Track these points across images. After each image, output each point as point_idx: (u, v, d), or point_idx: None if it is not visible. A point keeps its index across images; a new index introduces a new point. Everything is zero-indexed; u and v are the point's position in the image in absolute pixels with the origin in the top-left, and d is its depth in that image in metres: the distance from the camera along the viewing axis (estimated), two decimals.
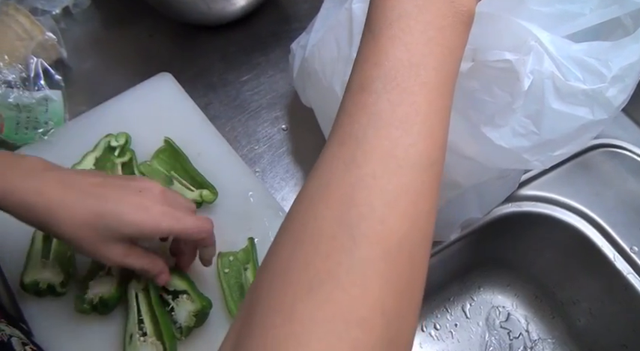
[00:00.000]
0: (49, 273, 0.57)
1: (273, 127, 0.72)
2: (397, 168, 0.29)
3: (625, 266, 0.65)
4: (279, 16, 0.83)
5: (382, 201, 0.28)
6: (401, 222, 0.28)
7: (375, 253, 0.27)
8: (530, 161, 0.41)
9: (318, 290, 0.26)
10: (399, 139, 0.29)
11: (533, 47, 0.39)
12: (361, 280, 0.27)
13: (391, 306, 0.27)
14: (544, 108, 0.39)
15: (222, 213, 0.63)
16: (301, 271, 0.27)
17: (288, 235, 0.30)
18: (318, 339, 0.26)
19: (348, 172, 0.29)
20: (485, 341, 0.77)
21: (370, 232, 0.27)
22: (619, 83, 0.39)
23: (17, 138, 0.69)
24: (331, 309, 0.26)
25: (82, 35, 0.81)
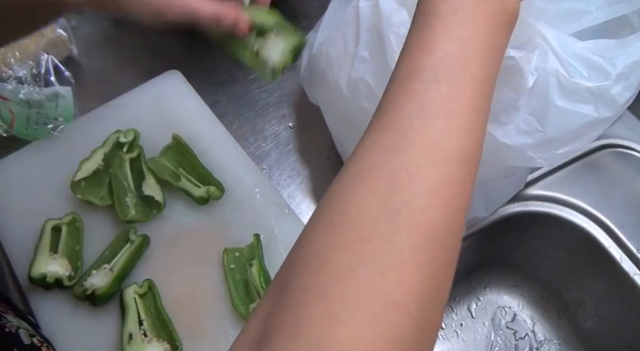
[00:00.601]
0: (56, 266, 0.57)
1: (280, 124, 0.73)
2: (440, 159, 0.29)
3: (632, 267, 0.65)
4: (288, 15, 0.82)
5: (424, 190, 0.28)
6: (440, 212, 0.28)
7: (413, 240, 0.28)
8: (535, 159, 0.41)
9: (356, 272, 0.27)
10: (445, 131, 0.29)
11: (538, 45, 0.39)
12: (399, 265, 0.27)
13: (425, 293, 0.27)
14: (548, 105, 0.39)
15: (228, 209, 0.63)
16: (340, 253, 0.28)
17: (326, 217, 0.30)
18: (355, 319, 0.26)
19: (393, 158, 0.29)
20: (491, 341, 0.77)
21: (411, 220, 0.28)
22: (624, 81, 0.39)
23: (27, 133, 0.69)
24: (369, 291, 0.26)
25: (93, 33, 0.81)
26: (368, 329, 0.26)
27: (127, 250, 0.58)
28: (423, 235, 0.28)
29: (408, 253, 0.27)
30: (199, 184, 0.64)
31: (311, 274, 0.28)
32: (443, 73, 0.30)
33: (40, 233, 0.60)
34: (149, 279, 0.58)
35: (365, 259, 0.27)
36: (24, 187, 0.65)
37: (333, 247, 0.28)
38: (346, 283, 0.27)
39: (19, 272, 0.59)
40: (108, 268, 0.57)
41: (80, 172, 0.62)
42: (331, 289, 0.27)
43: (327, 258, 0.28)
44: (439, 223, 0.28)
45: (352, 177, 0.30)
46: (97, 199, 0.62)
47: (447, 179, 0.29)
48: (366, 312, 0.26)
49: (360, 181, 0.30)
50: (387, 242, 0.27)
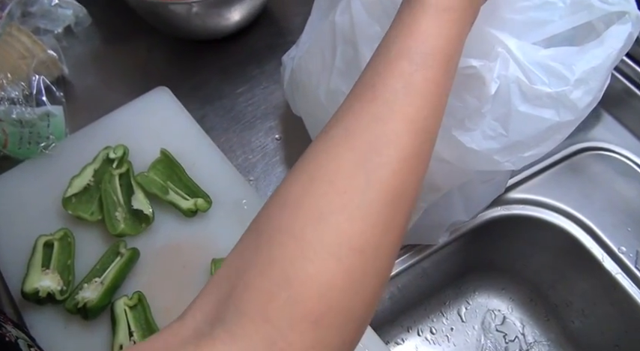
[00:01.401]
0: (48, 281, 0.59)
1: (267, 137, 0.74)
2: (415, 132, 0.33)
3: (613, 266, 0.66)
4: (273, 30, 0.85)
5: (399, 156, 0.32)
6: (407, 177, 0.32)
7: (381, 197, 0.31)
8: (502, 163, 0.43)
9: (329, 219, 0.30)
10: (422, 109, 0.33)
11: (499, 54, 0.40)
12: (367, 217, 0.31)
13: (383, 244, 0.31)
14: (511, 111, 0.41)
15: (216, 221, 0.65)
16: (316, 201, 0.31)
17: (305, 170, 0.33)
18: (321, 258, 0.29)
19: (374, 125, 0.33)
20: (482, 345, 0.78)
21: (384, 180, 0.31)
22: (583, 86, 0.41)
23: (20, 152, 0.71)
24: (337, 237, 0.30)
25: (83, 52, 0.83)
26: (331, 268, 0.29)
27: (117, 264, 0.60)
28: (392, 194, 0.32)
29: (376, 208, 0.31)
30: (187, 197, 0.65)
31: (286, 219, 0.31)
32: (432, 61, 0.34)
33: (33, 249, 0.61)
34: (139, 291, 0.59)
35: (338, 209, 0.31)
36: (17, 205, 0.67)
37: (309, 196, 0.31)
38: (317, 227, 0.30)
39: (13, 288, 0.61)
40: (99, 282, 0.59)
41: (71, 188, 0.64)
42: (303, 231, 0.30)
43: (302, 204, 0.31)
44: (405, 186, 0.32)
45: (335, 137, 0.33)
46: (88, 215, 0.64)
47: (417, 150, 0.33)
48: (332, 253, 0.30)
49: (342, 141, 0.33)
50: (360, 196, 0.31)
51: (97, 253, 0.62)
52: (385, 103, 0.33)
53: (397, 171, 0.32)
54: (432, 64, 0.34)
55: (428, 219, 0.59)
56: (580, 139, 0.73)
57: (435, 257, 0.70)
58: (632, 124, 0.74)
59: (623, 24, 0.44)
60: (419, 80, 0.34)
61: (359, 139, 0.32)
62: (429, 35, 0.34)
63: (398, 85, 0.33)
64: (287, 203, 0.32)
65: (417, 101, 0.33)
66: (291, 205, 0.32)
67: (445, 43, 0.34)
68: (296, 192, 0.32)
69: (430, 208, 0.57)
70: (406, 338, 0.79)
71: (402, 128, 0.33)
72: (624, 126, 0.74)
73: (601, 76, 0.42)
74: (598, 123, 0.75)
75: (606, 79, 0.43)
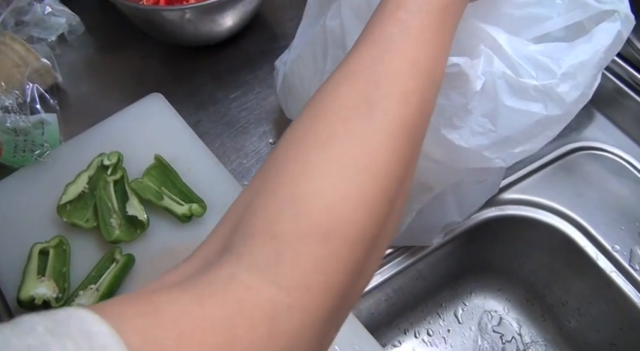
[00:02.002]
0: (44, 289, 0.59)
1: (261, 141, 0.75)
2: (416, 73, 0.34)
3: (608, 265, 0.66)
4: (267, 36, 0.85)
5: (402, 90, 0.33)
6: (411, 112, 0.33)
7: (389, 126, 0.32)
8: (492, 159, 0.43)
9: (334, 144, 0.31)
10: (422, 52, 0.34)
11: (482, 51, 0.41)
12: (374, 143, 0.31)
13: (393, 170, 0.31)
14: (498, 106, 0.41)
15: (211, 226, 0.64)
16: (320, 130, 0.32)
17: (306, 112, 0.34)
18: (328, 177, 0.30)
19: (375, 65, 0.33)
20: (478, 346, 0.78)
21: (388, 110, 0.32)
22: (570, 80, 0.41)
23: (15, 161, 0.71)
24: (344, 158, 0.30)
25: (77, 60, 0.84)
26: (340, 185, 0.30)
27: (113, 270, 0.60)
28: (398, 124, 0.32)
29: (384, 135, 0.31)
30: (182, 202, 0.65)
31: (291, 151, 0.32)
32: (426, 8, 0.35)
33: (28, 257, 0.61)
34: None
35: (344, 134, 0.31)
36: (12, 213, 0.67)
37: (313, 128, 0.32)
38: (324, 150, 0.31)
39: (8, 296, 0.61)
40: (94, 289, 0.59)
41: (66, 195, 0.64)
42: (309, 155, 0.31)
43: (306, 136, 0.32)
44: (412, 118, 0.33)
45: (336, 79, 0.34)
46: (83, 222, 0.63)
47: (419, 87, 0.33)
48: (340, 173, 0.30)
49: (344, 82, 0.34)
50: (366, 123, 0.31)
51: (93, 259, 0.62)
52: (384, 46, 0.34)
53: (400, 102, 0.32)
54: (427, 9, 0.35)
55: (422, 220, 0.59)
56: (573, 138, 0.73)
57: (430, 259, 0.70)
58: (625, 123, 0.74)
59: (613, 22, 0.44)
60: (415, 25, 0.35)
61: (360, 78, 0.33)
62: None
63: (395, 30, 0.34)
64: (293, 139, 0.33)
65: (415, 43, 0.34)
66: (296, 139, 0.32)
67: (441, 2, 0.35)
68: (301, 128, 0.33)
69: (424, 210, 0.58)
70: (403, 340, 0.79)
71: (401, 66, 0.33)
72: (616, 125, 0.75)
73: (589, 72, 0.42)
74: (590, 123, 0.75)
75: (595, 75, 0.43)
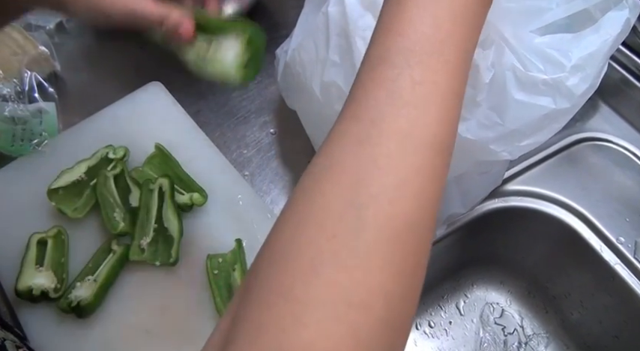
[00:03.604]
0: (42, 279, 0.58)
1: (261, 131, 0.74)
2: (411, 150, 0.28)
3: (612, 257, 0.66)
4: (268, 24, 0.84)
5: (394, 182, 0.27)
6: (410, 205, 0.27)
7: (381, 235, 0.26)
8: (498, 152, 0.42)
9: (320, 271, 0.26)
10: (417, 119, 0.28)
11: (494, 41, 0.40)
12: (365, 262, 0.26)
13: (393, 288, 0.26)
14: (507, 99, 0.40)
15: (212, 216, 0.64)
16: (304, 251, 0.26)
17: (291, 213, 0.29)
18: (317, 320, 0.25)
19: (362, 150, 0.28)
20: (480, 338, 0.78)
21: (379, 214, 0.26)
22: (579, 72, 0.40)
23: (13, 150, 0.70)
24: (332, 291, 0.25)
25: (75, 49, 0.83)
26: (330, 330, 0.25)
27: (110, 261, 0.59)
28: (392, 229, 0.26)
29: (376, 249, 0.26)
30: (183, 192, 0.65)
31: (274, 275, 0.27)
32: (416, 57, 0.28)
33: (26, 247, 0.60)
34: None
35: (329, 258, 0.26)
36: (10, 202, 0.66)
37: (297, 245, 0.27)
38: (309, 282, 0.26)
39: (6, 286, 0.60)
40: (92, 280, 0.58)
41: (59, 180, 0.63)
42: (294, 289, 0.26)
43: (290, 257, 0.27)
44: (409, 216, 0.27)
45: (319, 172, 0.29)
46: (70, 210, 0.63)
47: (418, 170, 0.27)
48: (329, 312, 0.25)
49: (326, 176, 0.28)
50: (353, 239, 0.26)
51: (92, 250, 0.62)
52: (370, 121, 0.28)
53: (394, 200, 0.27)
54: (417, 61, 0.28)
55: None
56: (577, 129, 0.73)
57: (433, 250, 0.68)
58: (630, 114, 0.74)
59: (620, 10, 0.43)
60: (406, 85, 0.28)
61: (344, 171, 0.27)
62: (409, 27, 0.29)
63: (381, 96, 0.28)
64: (274, 255, 0.28)
65: (408, 112, 0.28)
66: (278, 257, 0.27)
67: (432, 28, 0.28)
68: (283, 241, 0.28)
69: None
70: None
71: (394, 149, 0.27)
72: (622, 116, 0.74)
73: (597, 63, 0.41)
74: (595, 113, 0.74)
75: (603, 66, 0.43)
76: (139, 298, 0.59)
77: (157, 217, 0.61)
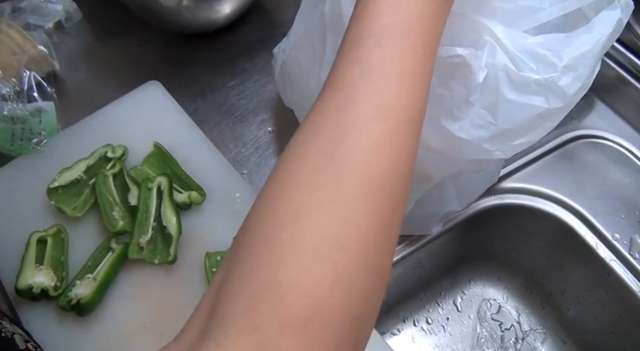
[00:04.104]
0: (42, 277, 0.59)
1: (259, 130, 0.74)
2: (384, 117, 0.31)
3: (607, 254, 0.66)
4: (265, 23, 0.85)
5: (368, 144, 0.30)
6: (384, 165, 0.31)
7: (359, 190, 0.30)
8: (491, 151, 0.43)
9: (304, 219, 0.29)
10: (387, 92, 0.32)
11: (487, 42, 0.40)
12: (345, 212, 0.29)
13: (370, 236, 0.30)
14: (499, 99, 0.41)
15: (210, 214, 0.65)
16: (288, 204, 0.30)
17: (277, 174, 0.32)
18: (301, 260, 0.28)
19: (339, 117, 0.31)
20: (477, 334, 0.79)
21: (356, 170, 0.30)
22: (572, 72, 0.41)
23: (12, 149, 0.71)
24: (315, 236, 0.29)
25: (74, 48, 0.83)
26: (313, 268, 0.28)
27: (109, 259, 0.60)
28: (369, 185, 0.30)
29: (355, 201, 0.30)
30: (181, 190, 0.65)
31: (262, 228, 0.30)
32: (385, 39, 0.32)
33: (26, 245, 0.61)
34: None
35: (312, 208, 0.29)
36: (9, 201, 0.66)
37: (282, 201, 0.30)
38: (294, 229, 0.29)
39: (7, 284, 0.61)
40: (91, 278, 0.59)
41: (58, 179, 0.64)
42: (280, 235, 0.29)
43: (277, 211, 0.30)
44: (383, 174, 0.31)
45: (302, 139, 0.32)
46: (70, 209, 0.63)
47: (392, 135, 0.31)
48: (311, 254, 0.28)
49: (308, 141, 0.32)
50: (334, 191, 0.30)
51: (91, 248, 0.62)
52: (346, 93, 0.32)
53: (369, 159, 0.30)
54: (386, 42, 0.32)
55: (421, 209, 0.59)
56: (573, 127, 0.73)
57: (430, 248, 0.70)
58: (625, 111, 0.74)
59: (613, 10, 0.44)
60: (377, 62, 0.32)
61: (324, 135, 0.31)
62: (379, 14, 0.33)
63: (355, 73, 0.32)
64: (263, 209, 0.31)
65: (379, 85, 0.32)
66: (267, 210, 0.31)
67: (400, 17, 0.33)
68: (270, 199, 0.31)
69: (423, 199, 0.57)
70: (402, 329, 0.79)
71: (367, 116, 0.31)
72: (617, 113, 0.74)
73: (590, 63, 0.41)
74: (591, 111, 0.75)
75: (596, 65, 0.43)
76: (139, 296, 0.60)
77: (156, 215, 0.62)
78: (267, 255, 0.29)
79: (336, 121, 0.31)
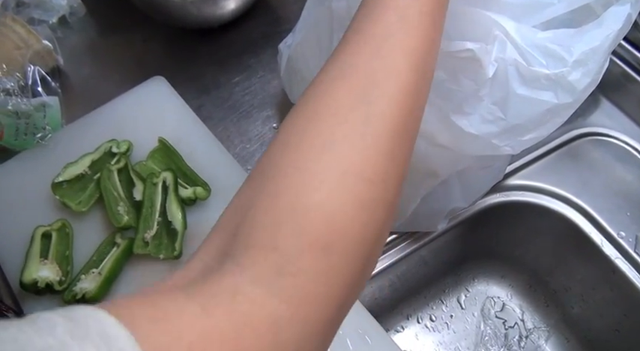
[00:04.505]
0: (47, 272, 0.59)
1: (264, 126, 0.74)
2: (416, 66, 0.33)
3: (613, 251, 0.66)
4: (270, 18, 0.84)
5: (399, 89, 0.32)
6: (410, 111, 0.32)
7: (387, 128, 0.31)
8: (500, 147, 0.43)
9: (332, 149, 0.30)
10: (420, 41, 0.33)
11: (497, 36, 0.40)
12: (373, 146, 0.31)
13: (390, 174, 0.31)
14: (509, 94, 0.41)
15: (215, 210, 0.65)
16: (317, 133, 0.31)
17: (302, 110, 0.33)
18: (327, 187, 0.29)
19: (373, 60, 0.32)
20: (481, 331, 0.78)
21: (386, 111, 0.31)
22: (581, 67, 0.40)
23: (16, 144, 0.71)
24: (342, 165, 0.30)
25: (78, 43, 0.83)
26: (339, 195, 0.29)
27: (114, 254, 0.60)
28: (394, 126, 0.31)
29: (380, 138, 0.31)
30: (186, 186, 0.65)
31: (288, 154, 0.31)
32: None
33: (31, 240, 0.61)
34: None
35: (341, 138, 0.30)
36: (14, 196, 0.66)
37: (310, 130, 0.31)
38: (321, 157, 0.30)
39: (11, 279, 0.61)
40: (96, 273, 0.59)
41: (63, 174, 0.64)
42: (307, 163, 0.30)
43: (304, 139, 0.31)
44: (407, 120, 0.32)
45: (334, 74, 0.33)
46: (74, 204, 0.63)
47: (417, 85, 0.33)
48: (338, 181, 0.29)
49: (340, 77, 0.33)
50: (363, 126, 0.31)
51: (96, 243, 0.62)
52: (383, 38, 0.33)
53: (399, 103, 0.32)
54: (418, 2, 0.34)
55: (426, 206, 0.59)
56: (579, 124, 0.73)
57: (434, 245, 0.70)
58: (631, 109, 0.74)
59: (622, 5, 0.43)
60: (414, 13, 0.33)
61: (358, 74, 0.32)
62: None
63: (393, 19, 0.33)
64: (289, 140, 0.32)
65: (414, 34, 0.33)
66: (293, 141, 0.31)
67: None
68: (297, 129, 0.32)
69: (429, 195, 0.57)
70: (406, 326, 0.79)
71: (401, 62, 0.32)
72: (623, 111, 0.74)
73: (599, 58, 0.41)
74: (596, 108, 0.74)
75: (605, 61, 0.43)
76: None
77: (161, 210, 0.62)
78: (293, 181, 0.30)
79: (371, 62, 0.32)
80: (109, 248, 0.61)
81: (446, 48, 0.41)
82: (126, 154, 0.67)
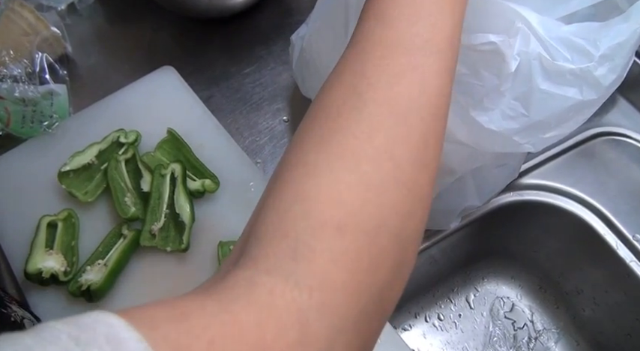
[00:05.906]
0: (52, 262, 0.58)
1: (274, 118, 0.73)
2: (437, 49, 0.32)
3: (628, 254, 0.65)
4: (281, 9, 0.83)
5: (392, 73, 0.31)
6: (408, 90, 0.31)
7: (381, 110, 0.30)
8: (521, 144, 0.41)
9: (329, 139, 0.30)
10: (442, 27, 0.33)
11: (520, 29, 0.39)
12: (368, 128, 0.30)
13: (399, 153, 0.30)
14: (532, 89, 0.39)
15: (223, 203, 0.64)
16: (314, 131, 0.31)
17: (308, 112, 0.33)
18: (329, 171, 0.29)
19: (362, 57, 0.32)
20: (490, 332, 0.77)
21: (378, 95, 0.31)
22: (608, 62, 0.39)
23: (23, 131, 0.70)
24: (342, 152, 0.29)
25: (87, 30, 0.82)
26: (343, 177, 0.29)
27: (120, 245, 0.59)
28: (392, 106, 0.31)
29: (378, 119, 0.30)
30: (195, 178, 0.64)
31: (293, 153, 0.31)
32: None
33: (36, 229, 0.60)
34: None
35: (338, 130, 0.30)
36: (20, 185, 0.65)
37: (311, 126, 0.32)
38: (321, 148, 0.30)
39: (16, 269, 0.60)
40: (102, 264, 0.58)
41: (70, 163, 0.63)
42: (308, 156, 0.30)
43: (305, 136, 0.31)
44: (408, 98, 0.31)
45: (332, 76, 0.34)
46: (81, 194, 0.62)
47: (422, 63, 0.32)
48: (341, 166, 0.29)
49: (333, 78, 0.33)
50: (357, 114, 0.30)
51: (102, 234, 0.61)
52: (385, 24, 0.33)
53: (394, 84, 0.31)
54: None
55: (440, 204, 0.58)
56: (595, 124, 0.71)
57: (445, 243, 0.68)
58: None
59: None
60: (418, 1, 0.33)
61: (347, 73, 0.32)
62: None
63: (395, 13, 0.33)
64: (293, 143, 0.32)
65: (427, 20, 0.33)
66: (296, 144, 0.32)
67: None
68: (299, 131, 0.32)
69: (443, 193, 0.56)
70: (414, 324, 0.78)
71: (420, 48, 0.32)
72: None
73: (626, 53, 0.40)
74: (613, 107, 0.73)
75: (631, 56, 0.41)
76: (149, 284, 0.59)
77: (169, 202, 0.61)
78: (297, 175, 0.30)
79: (362, 60, 0.32)
80: (115, 240, 0.60)
81: (467, 41, 0.40)
82: (134, 144, 0.66)
